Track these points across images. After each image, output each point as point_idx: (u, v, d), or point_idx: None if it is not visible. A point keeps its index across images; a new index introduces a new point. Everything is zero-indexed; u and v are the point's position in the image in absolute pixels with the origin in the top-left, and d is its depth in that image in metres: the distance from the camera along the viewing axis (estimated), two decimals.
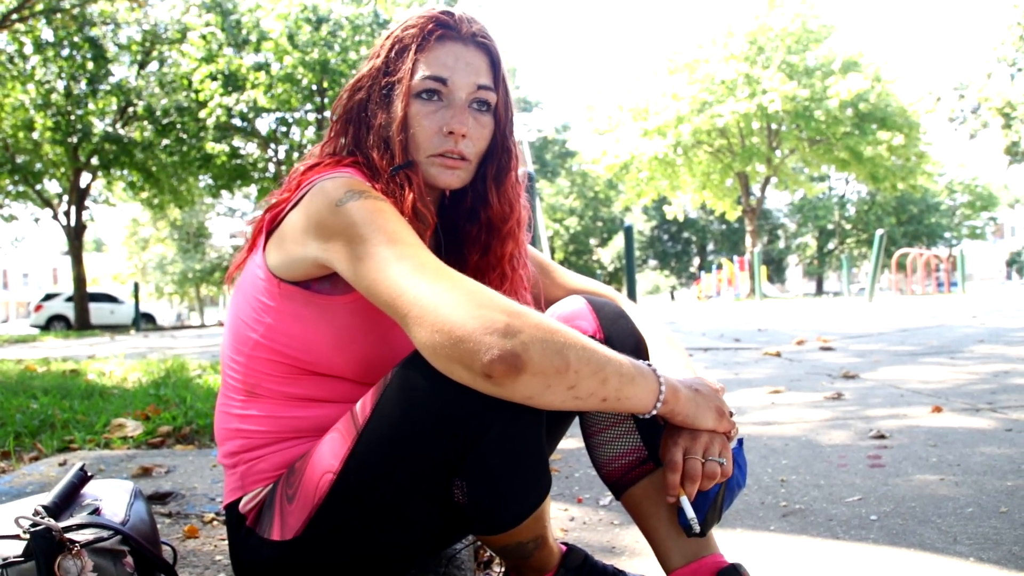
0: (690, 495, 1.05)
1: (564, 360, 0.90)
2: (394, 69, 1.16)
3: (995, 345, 5.61)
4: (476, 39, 1.18)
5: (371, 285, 0.98)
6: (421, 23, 1.16)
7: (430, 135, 1.15)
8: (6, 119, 18.16)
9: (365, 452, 1.02)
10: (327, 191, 1.06)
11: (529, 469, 1.04)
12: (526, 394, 0.91)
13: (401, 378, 1.01)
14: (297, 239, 1.08)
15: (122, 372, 5.14)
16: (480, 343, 0.87)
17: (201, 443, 2.76)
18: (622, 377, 0.96)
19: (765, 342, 6.75)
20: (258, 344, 1.14)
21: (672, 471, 1.06)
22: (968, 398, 3.32)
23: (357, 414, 1.05)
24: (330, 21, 19.50)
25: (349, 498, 1.04)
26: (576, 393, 0.92)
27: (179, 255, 40.89)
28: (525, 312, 0.91)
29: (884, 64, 27.65)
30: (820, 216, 43.62)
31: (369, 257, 0.99)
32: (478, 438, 0.99)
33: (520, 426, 1.00)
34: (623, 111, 29.96)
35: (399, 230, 1.01)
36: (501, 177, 1.24)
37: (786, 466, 2.28)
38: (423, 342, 0.92)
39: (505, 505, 1.04)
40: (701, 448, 1.05)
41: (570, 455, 2.52)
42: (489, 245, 1.26)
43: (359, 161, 1.18)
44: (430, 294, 0.92)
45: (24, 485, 2.02)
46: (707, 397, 1.08)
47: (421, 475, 1.02)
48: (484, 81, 1.17)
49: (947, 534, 1.62)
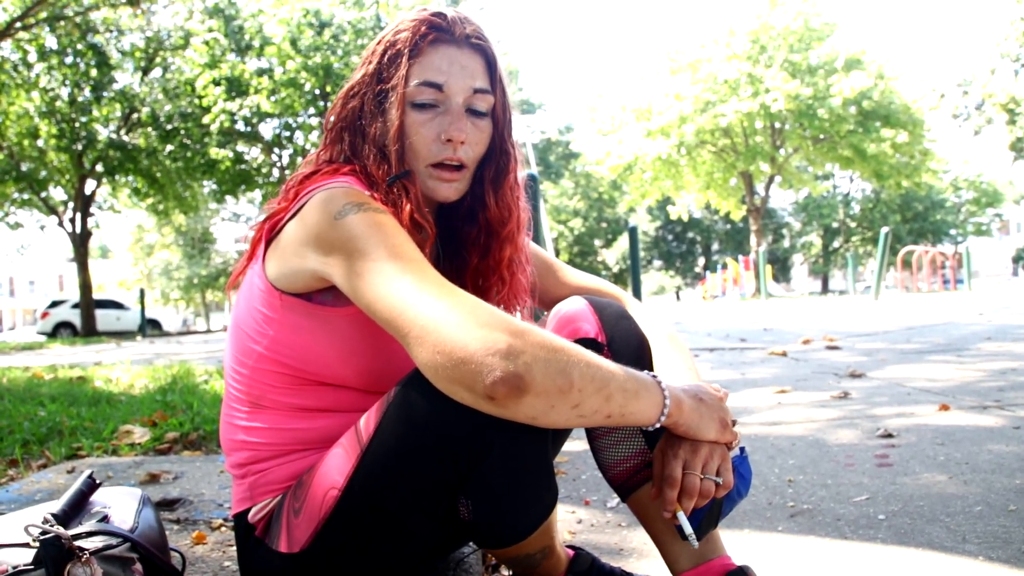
0: (686, 511, 1.03)
1: (567, 380, 0.88)
2: (388, 76, 1.13)
3: (1002, 342, 5.59)
4: (470, 41, 1.15)
5: (371, 303, 0.96)
6: (413, 26, 1.13)
7: (428, 143, 1.12)
8: (11, 127, 18.22)
9: (369, 469, 1.02)
10: (325, 203, 1.04)
11: (534, 485, 1.04)
12: (530, 415, 0.90)
13: (404, 396, 1.00)
14: (296, 251, 1.06)
15: (129, 378, 5.15)
16: (482, 364, 0.86)
17: (208, 449, 2.77)
18: (626, 393, 0.94)
19: (771, 342, 6.74)
20: (261, 356, 1.13)
21: (670, 487, 1.03)
22: (976, 396, 3.31)
23: (361, 431, 1.04)
24: (332, 25, 19.53)
25: (354, 514, 1.04)
26: (580, 412, 0.91)
27: (184, 261, 40.98)
28: (528, 331, 0.89)
29: (887, 61, 27.63)
30: (825, 214, 43.51)
31: (368, 273, 0.97)
32: (482, 456, 0.98)
33: (524, 444, 0.99)
34: (626, 112, 30.00)
35: (399, 243, 0.99)
36: (499, 180, 1.21)
37: (793, 466, 2.27)
38: (424, 363, 0.90)
39: (511, 522, 1.04)
40: (700, 462, 1.03)
41: (577, 457, 2.52)
42: (488, 248, 1.24)
43: (356, 169, 1.15)
44: (431, 313, 0.90)
45: (33, 493, 2.02)
46: (711, 408, 1.06)
47: (425, 492, 1.02)
48: (480, 84, 1.14)
49: (956, 533, 1.61)
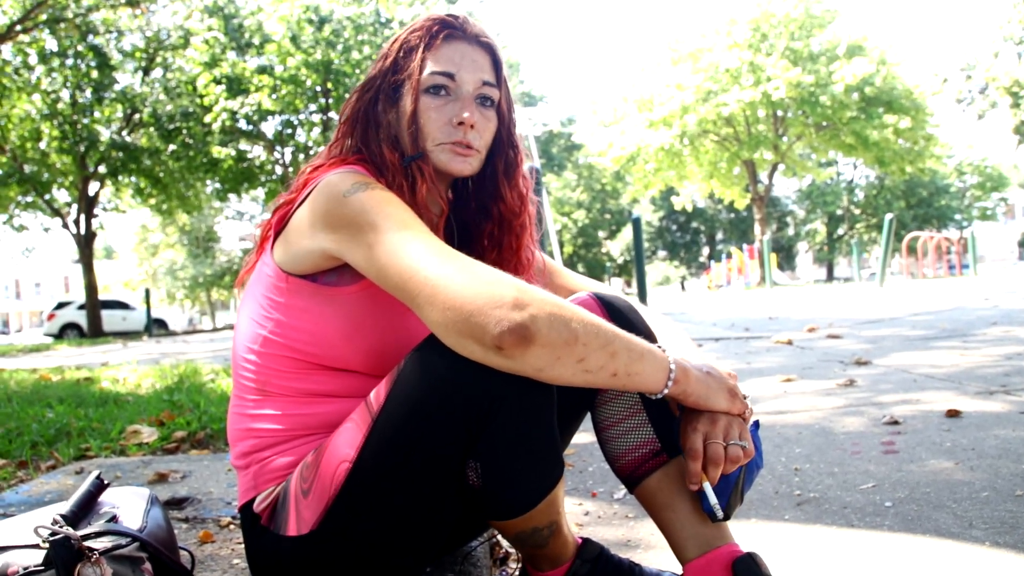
0: (713, 480, 1.05)
1: (572, 332, 0.93)
2: (402, 67, 1.21)
3: (1008, 327, 5.57)
4: (480, 39, 1.24)
5: (382, 269, 1.01)
6: (427, 25, 1.22)
7: (440, 125, 1.19)
8: (13, 130, 18.24)
9: (381, 439, 1.03)
10: (334, 183, 1.10)
11: (541, 450, 1.05)
12: (536, 366, 0.93)
13: (414, 364, 1.02)
14: (305, 232, 1.12)
15: (136, 379, 5.17)
16: (490, 316, 0.91)
17: (216, 447, 2.78)
18: (631, 352, 0.99)
19: (776, 330, 6.73)
20: (268, 340, 1.17)
21: (693, 459, 1.06)
22: (982, 382, 3.31)
23: (372, 402, 1.06)
24: (332, 21, 19.49)
25: (366, 486, 1.04)
26: (586, 366, 0.95)
27: (189, 260, 41.09)
28: (533, 288, 0.95)
29: (889, 47, 27.49)
30: (829, 202, 43.34)
31: (379, 244, 1.02)
32: (490, 418, 1.00)
33: (531, 406, 1.01)
34: (628, 103, 29.92)
35: (407, 218, 1.05)
36: (511, 171, 1.29)
37: (800, 454, 2.28)
38: (435, 320, 0.95)
39: (519, 486, 1.05)
40: (721, 432, 1.06)
41: (583, 449, 2.52)
42: (502, 241, 1.31)
43: (364, 159, 1.22)
44: (440, 274, 0.95)
45: (42, 494, 2.03)
46: (718, 379, 1.09)
47: (437, 459, 1.02)
48: (488, 78, 1.23)
49: (962, 519, 1.61)
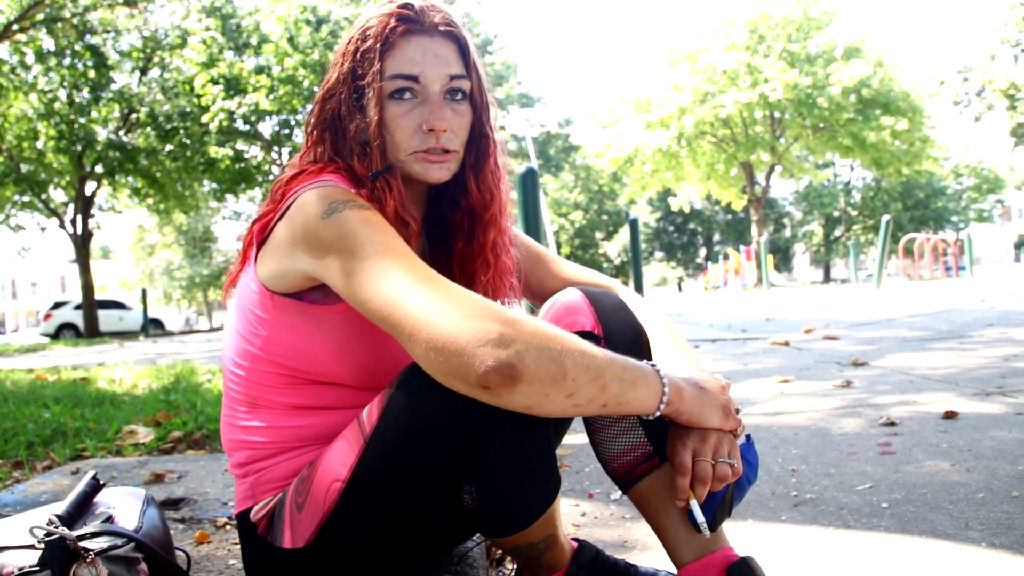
0: (700, 498, 1.04)
1: (561, 368, 0.89)
2: (362, 73, 1.12)
3: (1005, 328, 5.58)
4: (440, 28, 1.13)
5: (363, 302, 0.98)
6: (382, 20, 1.12)
7: (409, 134, 1.12)
8: (10, 130, 18.19)
9: (373, 460, 1.02)
10: (310, 204, 1.05)
11: (537, 472, 1.04)
12: (524, 403, 0.90)
13: (406, 385, 1.01)
14: (286, 252, 1.08)
15: (132, 379, 5.16)
16: (474, 355, 0.87)
17: (212, 448, 2.77)
18: (623, 382, 0.95)
19: (773, 331, 6.73)
20: (256, 357, 1.15)
21: (681, 475, 1.04)
22: (978, 383, 3.31)
23: (364, 422, 1.04)
24: (330, 22, 19.52)
25: (359, 505, 1.04)
26: (575, 401, 0.92)
27: (186, 260, 40.99)
28: (519, 320, 0.90)
29: (886, 49, 27.54)
30: (826, 203, 43.36)
31: (359, 272, 0.98)
32: (485, 444, 0.99)
33: (526, 431, 1.00)
34: (625, 104, 29.91)
35: (386, 240, 1.00)
36: (480, 164, 1.22)
37: (796, 456, 2.28)
38: (420, 357, 0.92)
39: (514, 509, 1.04)
40: (711, 450, 1.04)
41: (580, 450, 2.52)
42: (472, 232, 1.24)
43: (341, 167, 1.15)
44: (422, 309, 0.91)
45: (38, 494, 2.03)
46: (712, 394, 1.06)
47: (429, 481, 1.02)
48: (456, 71, 1.14)
49: (959, 520, 1.61)
